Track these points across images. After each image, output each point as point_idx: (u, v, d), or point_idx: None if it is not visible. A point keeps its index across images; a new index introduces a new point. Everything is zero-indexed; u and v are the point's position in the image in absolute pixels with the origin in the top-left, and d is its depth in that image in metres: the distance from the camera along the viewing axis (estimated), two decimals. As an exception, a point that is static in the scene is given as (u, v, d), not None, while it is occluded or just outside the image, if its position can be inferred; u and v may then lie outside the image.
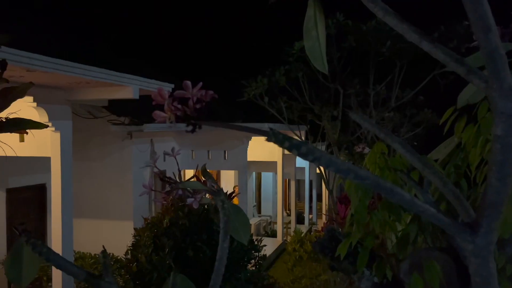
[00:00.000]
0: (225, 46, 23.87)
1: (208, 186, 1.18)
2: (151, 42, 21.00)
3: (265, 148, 14.11)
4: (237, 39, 24.15)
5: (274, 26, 23.85)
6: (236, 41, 24.20)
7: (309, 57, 0.97)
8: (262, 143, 13.93)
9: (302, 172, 17.23)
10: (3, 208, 6.99)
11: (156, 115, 0.76)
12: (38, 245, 0.91)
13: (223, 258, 1.03)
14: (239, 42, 24.03)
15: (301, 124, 11.13)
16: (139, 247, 4.73)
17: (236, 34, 24.78)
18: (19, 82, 3.39)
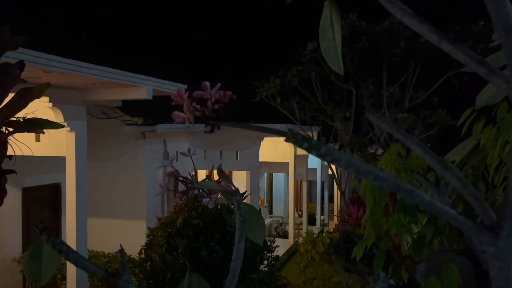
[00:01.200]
0: (237, 47, 23.91)
1: (224, 186, 1.18)
2: (164, 43, 21.14)
3: (277, 149, 14.10)
4: (250, 40, 24.18)
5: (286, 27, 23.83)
6: (249, 42, 24.23)
7: (324, 58, 0.97)
8: (274, 144, 13.92)
9: (314, 173, 17.17)
10: (19, 207, 7.10)
11: (175, 115, 0.76)
12: (58, 243, 0.92)
13: (239, 259, 1.03)
14: (251, 43, 24.05)
15: (314, 125, 11.11)
16: (153, 246, 4.77)
17: (248, 35, 24.81)
18: (36, 82, 3.44)
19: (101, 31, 17.68)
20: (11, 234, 6.96)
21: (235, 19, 26.25)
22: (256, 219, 1.19)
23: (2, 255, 6.84)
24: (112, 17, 20.00)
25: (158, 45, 20.54)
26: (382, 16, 8.99)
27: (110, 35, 17.92)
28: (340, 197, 17.39)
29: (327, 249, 1.68)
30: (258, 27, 25.43)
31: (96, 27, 17.81)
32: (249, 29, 25.45)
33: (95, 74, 4.60)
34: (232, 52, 23.92)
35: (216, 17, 26.25)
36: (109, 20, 19.53)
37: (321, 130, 11.45)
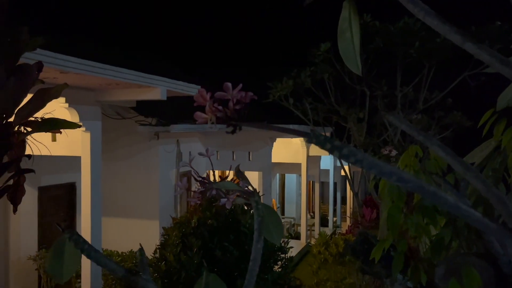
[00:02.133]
0: (250, 47, 23.94)
1: (242, 186, 1.18)
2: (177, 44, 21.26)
3: (289, 150, 14.08)
4: (263, 40, 24.19)
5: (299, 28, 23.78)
6: (262, 42, 24.24)
7: (343, 58, 0.97)
8: (286, 145, 13.90)
9: (327, 174, 17.10)
10: (35, 206, 7.20)
11: (197, 116, 0.77)
12: (81, 241, 0.93)
13: (257, 259, 1.03)
14: (264, 44, 24.06)
15: (326, 126, 11.06)
16: (167, 246, 4.80)
17: (261, 35, 24.83)
18: (52, 83, 3.49)
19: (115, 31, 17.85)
20: (27, 232, 7.07)
21: (248, 19, 26.29)
22: (273, 219, 1.19)
23: (19, 253, 6.95)
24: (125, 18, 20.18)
25: (172, 46, 20.65)
26: (397, 17, 8.91)
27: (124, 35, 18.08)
28: (353, 199, 17.30)
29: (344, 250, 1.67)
30: (271, 28, 25.43)
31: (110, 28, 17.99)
32: (262, 30, 25.46)
33: (110, 74, 4.65)
34: (245, 53, 23.95)
35: (229, 17, 26.31)
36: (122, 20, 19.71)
37: (334, 131, 11.40)
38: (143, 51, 15.84)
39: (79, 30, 12.95)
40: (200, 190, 1.23)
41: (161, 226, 8.25)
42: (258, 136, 10.63)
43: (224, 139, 10.64)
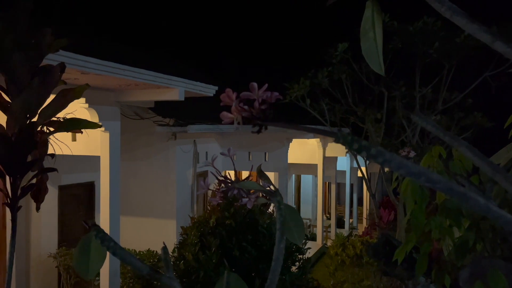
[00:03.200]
0: (267, 48, 23.95)
1: (264, 186, 1.18)
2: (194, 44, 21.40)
3: (305, 151, 14.04)
4: (279, 41, 24.17)
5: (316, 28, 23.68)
6: (278, 43, 24.21)
7: (365, 58, 0.96)
8: (302, 146, 13.86)
9: (343, 175, 16.98)
10: (55, 204, 7.33)
11: (223, 116, 0.77)
12: (107, 239, 0.95)
13: (280, 258, 1.03)
14: (281, 44, 24.03)
15: (343, 127, 10.99)
16: (186, 245, 4.83)
17: (277, 36, 24.81)
18: (73, 84, 3.53)
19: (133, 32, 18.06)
20: (47, 230, 7.20)
21: (265, 20, 26.30)
22: (295, 220, 1.19)
23: (39, 250, 7.08)
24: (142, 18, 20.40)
25: (189, 46, 20.80)
26: (415, 16, 8.81)
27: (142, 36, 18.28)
28: (369, 200, 17.15)
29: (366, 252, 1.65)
30: (288, 28, 25.40)
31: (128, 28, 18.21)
32: (279, 31, 25.44)
33: (129, 75, 4.70)
34: (262, 53, 23.96)
35: (246, 18, 26.37)
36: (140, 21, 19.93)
37: (351, 132, 11.33)
38: (161, 51, 15.99)
39: (98, 31, 13.14)
40: (222, 190, 1.24)
41: (178, 226, 8.32)
42: (274, 136, 10.62)
43: (240, 139, 10.67)
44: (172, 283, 0.93)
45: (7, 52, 2.44)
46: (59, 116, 2.86)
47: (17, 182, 2.31)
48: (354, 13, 0.82)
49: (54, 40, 2.75)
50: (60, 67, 2.71)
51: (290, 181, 17.19)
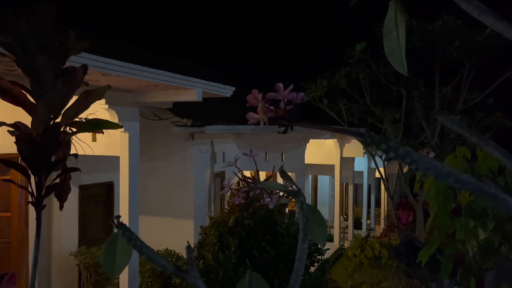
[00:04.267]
0: (284, 48, 23.91)
1: (287, 186, 1.18)
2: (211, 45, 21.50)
3: (322, 151, 13.97)
4: (296, 41, 24.11)
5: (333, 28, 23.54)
6: (296, 43, 24.16)
7: (388, 58, 0.96)
8: (319, 146, 13.79)
9: (360, 176, 16.85)
10: (76, 204, 7.46)
11: (249, 116, 0.78)
12: (133, 237, 0.96)
13: (303, 258, 1.03)
14: (298, 44, 23.97)
15: (361, 127, 10.90)
16: (205, 245, 4.86)
17: (295, 36, 24.76)
18: (94, 85, 3.58)
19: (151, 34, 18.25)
20: (68, 229, 7.32)
21: (282, 21, 26.27)
22: (317, 220, 1.19)
23: (60, 249, 7.21)
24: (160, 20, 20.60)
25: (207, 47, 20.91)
26: (435, 15, 8.69)
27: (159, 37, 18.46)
28: (387, 201, 16.96)
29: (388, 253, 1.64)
30: (304, 29, 25.31)
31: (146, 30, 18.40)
32: (295, 31, 25.37)
33: (149, 76, 4.76)
34: (279, 53, 23.94)
35: (264, 19, 26.38)
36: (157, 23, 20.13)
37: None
38: (178, 52, 16.12)
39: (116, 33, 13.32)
40: (245, 190, 1.24)
41: (196, 225, 8.37)
42: (291, 137, 10.60)
43: (257, 140, 10.67)
44: (197, 282, 0.94)
45: (32, 55, 2.49)
46: (81, 117, 2.91)
47: (41, 182, 2.36)
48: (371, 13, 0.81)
49: (77, 42, 2.80)
50: (82, 68, 2.76)
51: (307, 182, 17.12)
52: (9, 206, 6.85)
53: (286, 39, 24.24)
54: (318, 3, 24.77)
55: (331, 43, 14.00)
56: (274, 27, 25.78)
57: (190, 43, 20.48)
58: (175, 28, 20.69)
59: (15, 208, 6.86)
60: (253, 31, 24.53)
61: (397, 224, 11.00)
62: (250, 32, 24.25)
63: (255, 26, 25.25)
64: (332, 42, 13.84)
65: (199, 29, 22.23)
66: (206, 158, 9.00)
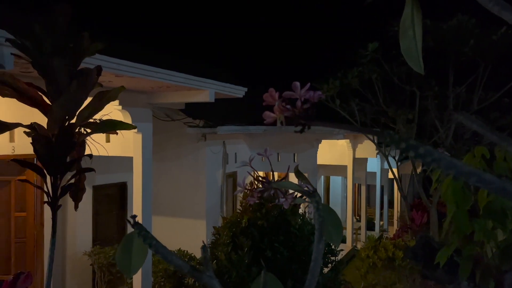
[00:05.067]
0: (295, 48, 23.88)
1: (302, 187, 1.18)
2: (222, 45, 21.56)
3: (334, 152, 13.90)
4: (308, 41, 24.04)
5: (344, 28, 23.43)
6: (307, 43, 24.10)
7: (404, 57, 0.95)
8: (332, 147, 13.72)
9: (373, 177, 16.71)
10: (90, 204, 7.53)
11: (266, 115, 0.77)
12: (149, 237, 0.96)
13: (319, 259, 1.02)
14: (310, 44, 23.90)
15: (374, 128, 10.82)
16: (218, 245, 4.87)
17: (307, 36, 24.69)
18: (108, 86, 3.60)
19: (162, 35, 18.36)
20: (82, 229, 7.40)
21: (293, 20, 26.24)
22: (333, 220, 1.18)
23: (75, 248, 7.29)
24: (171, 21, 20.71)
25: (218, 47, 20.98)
26: (448, 14, 8.58)
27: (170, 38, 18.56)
28: (400, 202, 16.80)
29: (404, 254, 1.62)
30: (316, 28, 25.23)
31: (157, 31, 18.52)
32: (307, 30, 25.31)
33: (162, 78, 4.78)
34: (291, 53, 23.91)
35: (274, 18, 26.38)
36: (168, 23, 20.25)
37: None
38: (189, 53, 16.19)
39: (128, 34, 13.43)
40: (259, 190, 1.24)
41: (208, 226, 8.39)
42: (303, 137, 10.56)
43: (269, 140, 10.66)
44: (212, 282, 0.93)
45: (47, 56, 2.52)
46: (95, 118, 2.94)
47: (57, 182, 2.38)
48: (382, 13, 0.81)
49: (91, 44, 2.83)
50: (96, 70, 2.78)
51: (319, 182, 17.05)
52: (24, 206, 6.94)
53: (298, 39, 24.19)
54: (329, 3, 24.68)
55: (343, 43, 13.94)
56: (285, 27, 25.75)
57: (202, 43, 20.56)
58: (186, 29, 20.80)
59: (31, 208, 6.96)
60: (263, 31, 24.54)
61: (410, 225, 10.89)
62: (261, 32, 24.26)
63: (266, 26, 25.25)
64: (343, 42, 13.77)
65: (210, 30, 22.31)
66: (218, 159, 9.02)
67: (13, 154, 6.30)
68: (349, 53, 9.59)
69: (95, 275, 7.25)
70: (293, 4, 25.69)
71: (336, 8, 25.11)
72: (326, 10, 25.87)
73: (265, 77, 19.36)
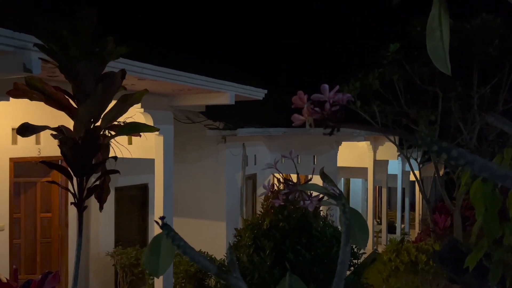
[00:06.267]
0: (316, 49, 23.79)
1: (328, 189, 1.17)
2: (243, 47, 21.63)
3: (355, 154, 13.77)
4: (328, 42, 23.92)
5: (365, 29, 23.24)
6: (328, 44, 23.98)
7: (431, 58, 0.94)
8: (352, 149, 13.60)
9: (394, 179, 16.49)
10: (112, 205, 7.65)
11: (295, 118, 0.78)
12: (177, 238, 0.97)
13: (345, 262, 1.02)
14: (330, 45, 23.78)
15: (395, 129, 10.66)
16: (240, 247, 4.89)
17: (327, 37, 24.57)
18: (131, 90, 3.66)
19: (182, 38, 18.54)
20: (105, 230, 7.52)
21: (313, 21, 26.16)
22: (360, 223, 1.18)
23: (98, 249, 7.41)
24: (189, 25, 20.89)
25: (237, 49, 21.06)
26: (472, 14, 8.43)
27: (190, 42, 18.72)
28: (422, 205, 16.52)
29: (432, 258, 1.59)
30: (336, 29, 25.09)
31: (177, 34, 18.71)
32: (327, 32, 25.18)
33: (184, 80, 4.83)
34: (310, 55, 23.83)
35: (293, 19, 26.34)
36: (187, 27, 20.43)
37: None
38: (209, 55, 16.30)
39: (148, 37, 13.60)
40: (284, 192, 1.24)
41: (228, 227, 8.42)
42: (323, 139, 10.50)
43: (288, 142, 10.63)
44: (239, 283, 0.94)
45: (74, 61, 2.58)
46: (119, 121, 2.99)
47: (83, 183, 2.43)
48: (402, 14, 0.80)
49: (115, 48, 2.88)
50: (121, 73, 2.83)
51: (339, 185, 16.92)
52: (49, 207, 7.10)
53: (318, 40, 24.09)
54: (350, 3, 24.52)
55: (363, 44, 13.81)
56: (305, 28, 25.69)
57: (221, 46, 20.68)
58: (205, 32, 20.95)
59: (56, 209, 7.11)
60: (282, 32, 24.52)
61: (433, 228, 10.70)
62: (280, 33, 24.25)
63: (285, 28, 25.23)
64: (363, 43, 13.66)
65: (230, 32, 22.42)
66: (238, 161, 9.05)
67: (39, 156, 6.46)
68: (370, 54, 9.49)
69: (117, 275, 7.35)
70: (314, 5, 25.61)
71: (356, 9, 24.92)
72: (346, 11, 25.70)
73: (285, 79, 19.32)
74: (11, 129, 6.15)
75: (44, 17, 6.45)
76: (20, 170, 6.53)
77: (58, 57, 2.61)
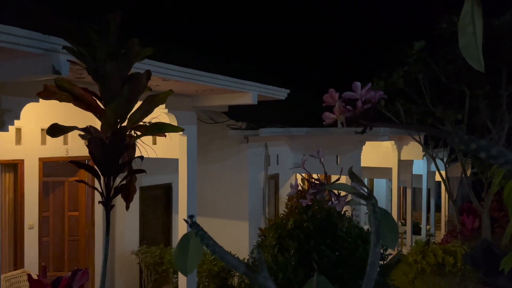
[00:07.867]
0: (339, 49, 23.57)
1: (357, 189, 1.16)
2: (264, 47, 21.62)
3: (378, 154, 13.58)
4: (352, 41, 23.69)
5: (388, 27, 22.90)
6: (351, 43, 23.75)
7: (463, 54, 0.92)
8: (376, 149, 13.42)
9: (419, 179, 16.18)
10: (137, 204, 7.77)
11: (326, 116, 0.77)
12: (206, 237, 0.98)
13: (376, 263, 1.00)
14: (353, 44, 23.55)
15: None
16: (264, 247, 4.89)
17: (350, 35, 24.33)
18: (155, 91, 3.70)
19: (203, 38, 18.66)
20: (130, 229, 7.64)
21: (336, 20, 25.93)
22: (389, 224, 1.15)
23: (123, 248, 7.53)
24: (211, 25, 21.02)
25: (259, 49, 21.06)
26: (502, 10, 8.19)
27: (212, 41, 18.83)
28: (448, 206, 16.16)
29: (463, 260, 1.55)
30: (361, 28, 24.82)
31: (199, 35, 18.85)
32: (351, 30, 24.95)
33: (207, 81, 4.86)
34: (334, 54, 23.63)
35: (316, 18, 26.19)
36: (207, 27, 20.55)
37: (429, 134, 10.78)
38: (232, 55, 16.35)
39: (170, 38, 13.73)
40: (312, 191, 1.23)
41: (250, 227, 8.43)
42: (346, 139, 10.39)
43: (310, 142, 10.56)
44: (267, 283, 0.94)
45: (101, 62, 2.63)
46: (144, 121, 3.03)
47: (110, 183, 2.47)
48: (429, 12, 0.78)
49: (141, 49, 2.92)
50: (146, 74, 2.87)
51: (363, 185, 16.67)
52: (77, 206, 7.27)
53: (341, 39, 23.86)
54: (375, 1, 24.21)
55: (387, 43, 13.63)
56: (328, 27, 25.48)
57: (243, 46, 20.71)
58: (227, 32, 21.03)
59: (83, 207, 7.27)
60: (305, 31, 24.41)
61: (461, 230, 10.45)
62: (302, 32, 24.14)
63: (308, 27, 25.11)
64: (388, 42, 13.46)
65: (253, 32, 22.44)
66: (260, 161, 9.05)
67: (66, 156, 6.62)
68: (394, 52, 9.35)
69: (142, 273, 7.46)
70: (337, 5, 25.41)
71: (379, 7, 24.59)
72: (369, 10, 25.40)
73: (308, 78, 19.24)
74: (40, 129, 6.32)
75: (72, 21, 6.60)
76: (49, 169, 6.70)
77: (86, 59, 2.66)
